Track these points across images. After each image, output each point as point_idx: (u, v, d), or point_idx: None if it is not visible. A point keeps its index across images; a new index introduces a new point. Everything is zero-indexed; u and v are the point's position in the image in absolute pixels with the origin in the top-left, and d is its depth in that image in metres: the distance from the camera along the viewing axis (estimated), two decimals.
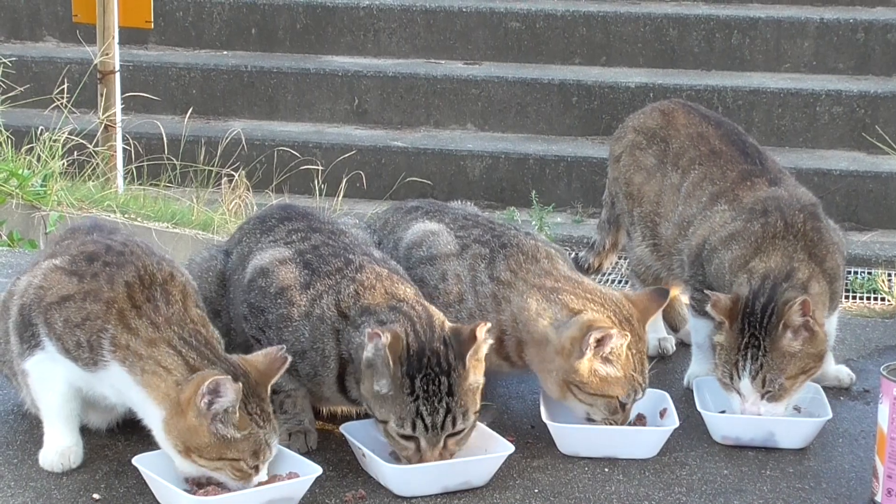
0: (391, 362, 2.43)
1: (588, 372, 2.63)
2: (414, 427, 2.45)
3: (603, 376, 2.63)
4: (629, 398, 2.67)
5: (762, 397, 2.72)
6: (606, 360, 2.63)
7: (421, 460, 2.48)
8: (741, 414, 2.75)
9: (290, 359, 2.45)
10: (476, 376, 2.51)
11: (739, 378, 2.73)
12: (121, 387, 2.44)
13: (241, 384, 2.33)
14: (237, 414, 2.34)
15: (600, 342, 2.60)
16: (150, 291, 2.47)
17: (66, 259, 2.55)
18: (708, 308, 2.77)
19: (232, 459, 2.36)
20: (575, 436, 2.70)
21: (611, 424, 2.68)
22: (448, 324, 2.55)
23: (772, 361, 2.69)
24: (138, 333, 2.42)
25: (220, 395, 2.32)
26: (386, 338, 2.43)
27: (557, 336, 2.65)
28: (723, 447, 2.75)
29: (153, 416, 2.40)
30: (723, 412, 2.82)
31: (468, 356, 2.49)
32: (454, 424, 2.47)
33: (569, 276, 2.78)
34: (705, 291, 2.83)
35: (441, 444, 2.48)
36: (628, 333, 2.63)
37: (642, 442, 2.71)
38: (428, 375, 2.45)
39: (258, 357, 2.46)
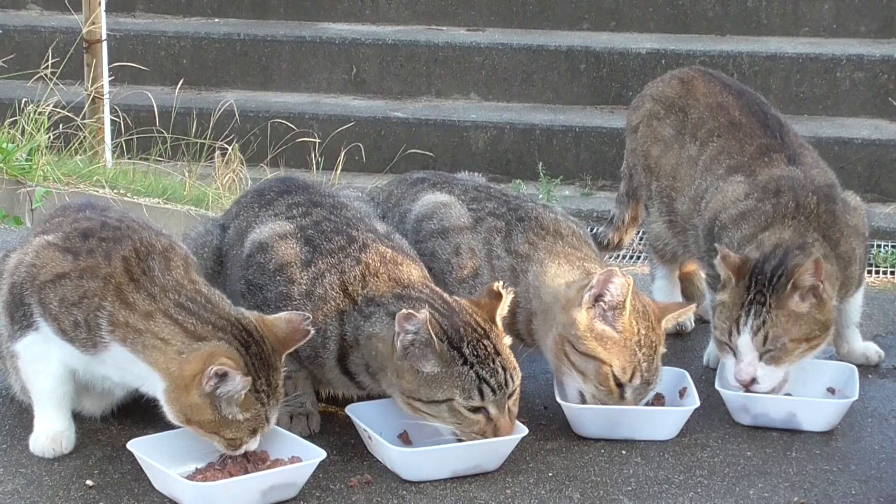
0: (435, 337, 2.42)
1: (585, 325, 2.59)
2: (482, 394, 2.44)
3: (599, 333, 2.59)
4: (625, 375, 2.59)
5: (761, 357, 2.68)
6: (606, 316, 2.59)
7: (495, 430, 2.46)
8: (734, 375, 2.71)
9: (312, 332, 2.42)
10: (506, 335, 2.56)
11: (739, 333, 2.69)
12: (125, 365, 2.42)
13: (251, 378, 2.30)
14: (243, 397, 2.32)
15: (603, 285, 2.58)
16: (146, 263, 2.44)
17: (60, 236, 2.51)
18: (716, 261, 2.75)
19: (230, 438, 2.37)
20: (591, 416, 2.64)
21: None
22: (460, 299, 2.56)
23: (776, 318, 2.66)
24: (135, 308, 2.40)
25: (226, 383, 2.29)
26: (423, 314, 2.41)
27: (566, 292, 2.65)
28: (745, 428, 2.72)
29: (157, 388, 2.40)
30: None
31: (497, 314, 2.52)
32: (513, 381, 2.48)
33: (594, 256, 2.78)
34: (714, 245, 2.80)
35: (506, 407, 2.47)
36: (631, 284, 2.58)
37: (662, 422, 2.65)
38: (471, 342, 2.46)
39: (279, 321, 2.41)
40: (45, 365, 2.50)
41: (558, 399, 2.65)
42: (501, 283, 2.55)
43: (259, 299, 2.61)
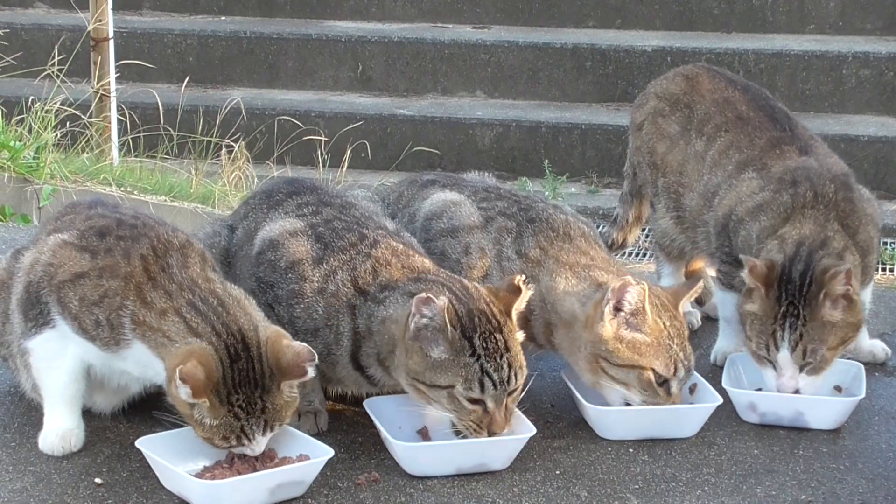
0: (449, 325, 2.40)
1: (613, 337, 2.56)
2: (482, 387, 2.43)
3: (630, 342, 2.56)
4: (669, 371, 2.57)
5: (801, 370, 2.67)
6: (630, 323, 2.56)
7: (490, 423, 2.45)
8: (777, 389, 2.69)
9: (311, 374, 2.37)
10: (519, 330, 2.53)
11: (777, 349, 2.67)
12: (145, 361, 2.42)
13: (205, 398, 2.29)
14: (207, 403, 2.31)
15: (619, 295, 2.54)
16: (164, 260, 2.43)
17: (75, 234, 2.49)
18: (744, 273, 2.70)
19: (202, 436, 2.37)
20: (616, 418, 2.62)
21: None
22: (479, 285, 2.54)
23: (812, 332, 2.65)
24: (153, 306, 2.40)
25: (181, 385, 2.29)
26: (442, 301, 2.40)
27: (583, 310, 2.61)
28: (752, 426, 2.71)
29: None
30: (759, 390, 2.76)
31: (514, 309, 2.50)
32: (516, 379, 2.47)
33: (604, 257, 2.74)
34: (740, 256, 2.76)
35: (504, 403, 2.46)
36: (647, 289, 2.55)
37: (687, 420, 2.64)
38: (483, 334, 2.44)
39: (289, 350, 2.37)
40: (60, 362, 2.48)
41: (582, 401, 2.63)
42: (523, 276, 2.53)
43: (270, 297, 2.61)
